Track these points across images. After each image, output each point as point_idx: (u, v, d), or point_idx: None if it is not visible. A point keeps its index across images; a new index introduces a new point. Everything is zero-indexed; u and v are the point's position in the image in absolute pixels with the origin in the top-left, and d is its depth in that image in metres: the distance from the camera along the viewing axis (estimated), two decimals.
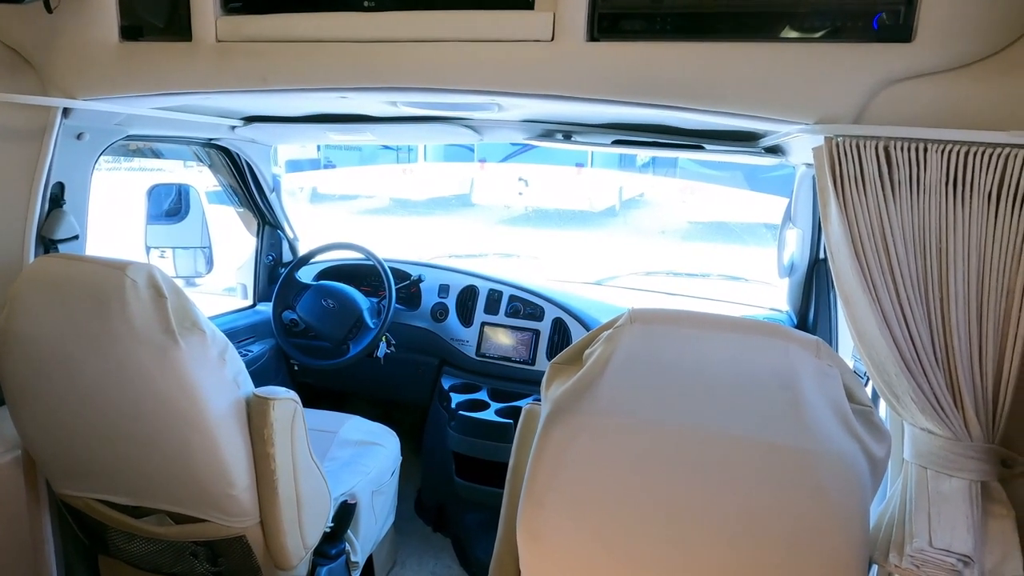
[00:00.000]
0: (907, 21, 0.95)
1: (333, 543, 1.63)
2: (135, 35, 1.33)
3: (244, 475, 1.34)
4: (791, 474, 0.82)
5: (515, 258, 3.45)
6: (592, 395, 0.88)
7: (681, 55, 1.05)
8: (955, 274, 0.92)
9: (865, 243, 0.96)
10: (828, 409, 0.83)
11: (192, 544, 1.45)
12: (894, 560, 0.97)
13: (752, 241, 6.08)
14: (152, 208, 2.28)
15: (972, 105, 0.94)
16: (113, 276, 1.21)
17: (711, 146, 1.68)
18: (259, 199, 2.51)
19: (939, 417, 0.95)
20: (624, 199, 10.07)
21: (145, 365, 1.21)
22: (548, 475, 0.89)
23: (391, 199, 10.80)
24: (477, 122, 1.85)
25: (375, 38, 1.19)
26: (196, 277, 2.52)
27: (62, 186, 1.53)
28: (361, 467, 1.86)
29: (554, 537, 0.91)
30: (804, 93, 1.00)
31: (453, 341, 2.36)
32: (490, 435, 2.05)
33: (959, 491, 0.95)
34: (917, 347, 0.95)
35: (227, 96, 1.36)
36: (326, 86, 1.24)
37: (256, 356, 2.44)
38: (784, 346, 0.85)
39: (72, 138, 1.53)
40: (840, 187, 0.97)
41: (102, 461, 1.36)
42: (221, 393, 1.28)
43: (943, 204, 0.93)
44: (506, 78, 1.14)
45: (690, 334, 0.89)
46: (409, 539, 2.38)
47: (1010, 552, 0.95)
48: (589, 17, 1.09)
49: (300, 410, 1.41)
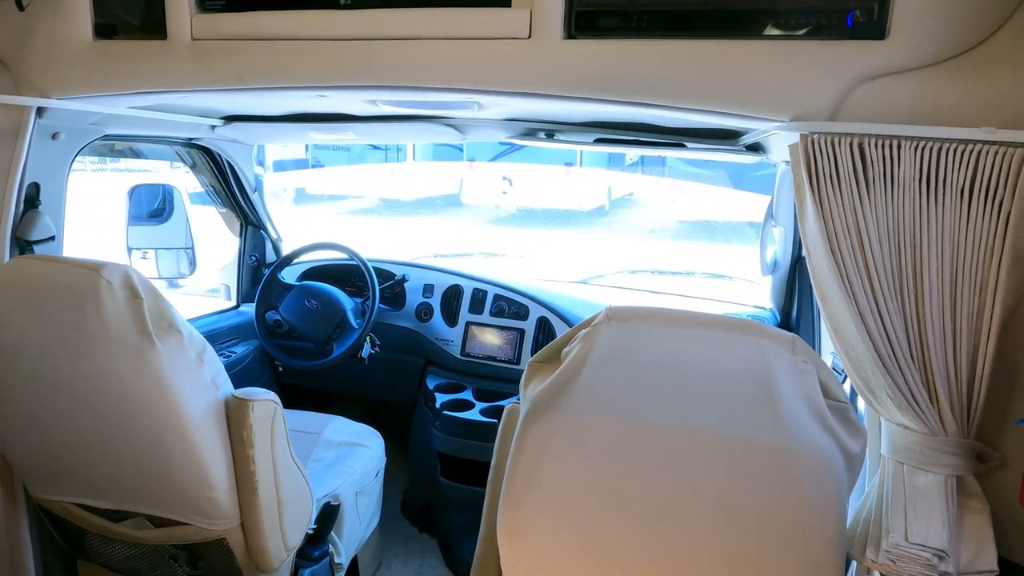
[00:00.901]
0: (881, 19, 0.95)
1: (316, 545, 1.62)
2: (109, 33, 1.32)
3: (223, 477, 1.33)
4: (767, 470, 0.82)
5: (500, 257, 3.45)
6: (569, 393, 0.88)
7: (658, 53, 1.05)
8: (929, 270, 0.93)
9: (840, 240, 0.96)
10: (804, 405, 0.84)
11: (172, 547, 1.44)
12: (871, 556, 0.98)
13: (737, 240, 6.11)
14: (134, 209, 2.26)
15: (945, 102, 0.94)
16: (88, 277, 1.19)
17: (692, 144, 1.69)
18: (241, 199, 2.49)
19: (915, 413, 0.96)
20: (613, 199, 10.10)
21: (121, 367, 1.20)
22: (527, 474, 0.89)
23: (380, 199, 10.77)
24: (459, 121, 1.85)
25: (352, 36, 1.18)
26: (179, 278, 2.49)
27: (37, 186, 1.51)
28: (345, 468, 1.85)
29: (534, 536, 0.91)
30: (779, 90, 1.00)
31: (438, 341, 2.36)
32: (475, 435, 2.04)
33: (935, 486, 0.95)
34: (892, 343, 0.96)
35: (204, 95, 1.35)
36: (303, 84, 1.23)
37: (240, 357, 2.42)
38: (760, 343, 0.86)
39: (47, 138, 1.51)
40: (816, 184, 0.97)
41: (79, 464, 1.35)
42: (199, 394, 1.27)
43: (917, 201, 0.93)
44: (484, 76, 1.14)
45: (667, 331, 0.89)
46: (395, 540, 2.37)
47: (985, 546, 0.95)
48: (566, 15, 1.08)
49: (280, 411, 1.40)
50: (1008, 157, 0.88)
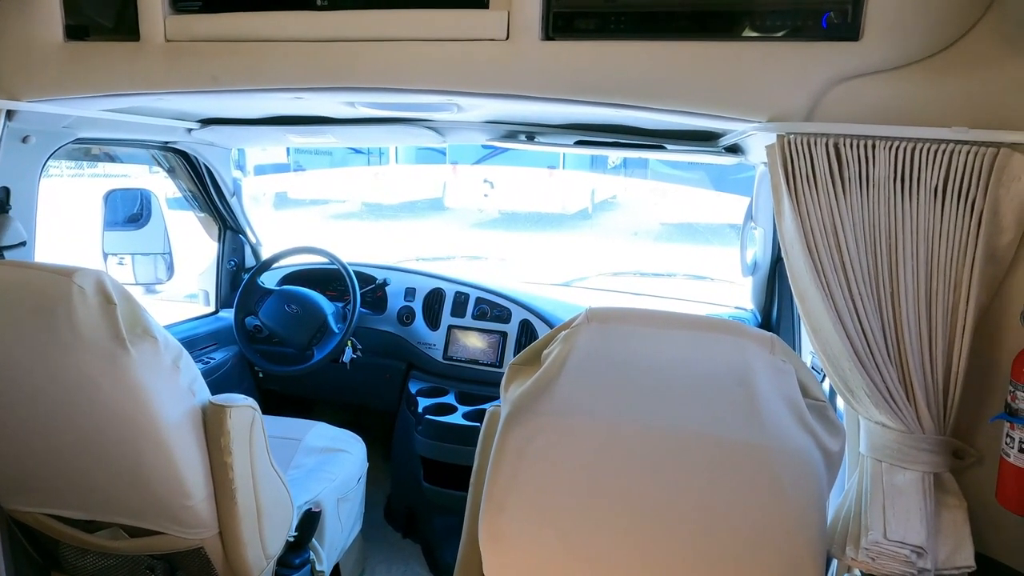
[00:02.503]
0: (855, 20, 0.96)
1: (297, 552, 1.60)
2: (81, 35, 1.29)
3: (201, 485, 1.30)
4: (746, 469, 0.82)
5: (482, 260, 3.44)
6: (550, 395, 0.88)
7: (635, 54, 1.05)
8: (904, 269, 0.94)
9: (817, 239, 0.97)
10: (783, 404, 0.84)
11: (148, 558, 1.41)
12: (851, 553, 0.99)
13: (718, 241, 6.16)
14: (109, 214, 2.22)
15: (919, 102, 0.95)
16: (59, 283, 1.17)
17: (672, 146, 1.69)
18: (219, 203, 2.46)
19: (892, 410, 0.97)
20: (596, 201, 10.13)
21: (94, 374, 1.17)
22: (508, 477, 0.89)
23: (363, 203, 10.70)
24: (439, 123, 1.84)
25: (329, 37, 1.17)
26: (156, 284, 2.45)
27: (7, 191, 1.48)
28: (326, 474, 1.83)
29: (515, 539, 0.90)
30: (756, 91, 1.01)
31: (420, 345, 2.34)
32: (458, 439, 2.03)
33: (913, 483, 0.96)
34: (869, 341, 0.96)
35: (179, 97, 1.33)
36: (279, 86, 1.22)
37: (219, 363, 2.39)
38: (739, 343, 0.86)
39: (17, 141, 1.48)
40: (792, 184, 0.98)
41: (52, 474, 1.32)
42: (175, 401, 1.25)
43: (892, 200, 0.94)
44: (462, 78, 1.13)
45: (646, 332, 0.89)
46: (378, 546, 2.35)
47: (962, 542, 0.96)
48: (544, 16, 1.08)
49: (259, 417, 1.38)
50: (980, 156, 0.89)
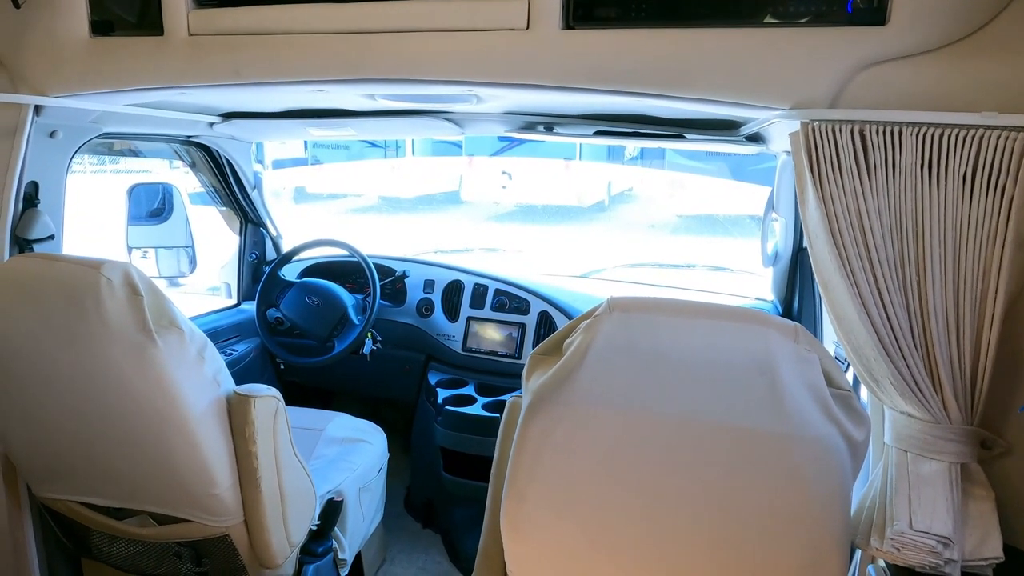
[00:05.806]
0: (881, 4, 0.95)
1: (320, 541, 1.62)
2: (106, 30, 1.31)
3: (226, 474, 1.32)
4: (770, 459, 0.82)
5: (500, 252, 3.44)
6: (571, 385, 0.88)
7: (656, 42, 1.04)
8: (931, 256, 0.92)
9: (842, 227, 0.95)
10: (807, 394, 0.83)
11: (176, 545, 1.43)
12: (875, 544, 0.98)
13: (738, 233, 6.09)
14: (133, 208, 2.25)
15: (946, 87, 0.94)
16: (88, 275, 1.19)
17: (692, 135, 1.68)
18: (241, 197, 2.48)
19: (918, 400, 0.96)
20: (613, 194, 10.06)
21: (121, 364, 1.19)
22: (529, 467, 0.89)
23: (380, 197, 10.73)
24: (458, 115, 1.84)
25: (349, 30, 1.17)
26: (179, 277, 2.49)
27: (36, 185, 1.51)
28: (347, 464, 1.85)
29: (537, 529, 0.90)
30: (779, 78, 1.00)
31: (439, 336, 2.35)
32: (477, 430, 2.04)
33: (939, 473, 0.95)
34: (895, 331, 0.95)
35: (202, 91, 1.35)
36: (301, 79, 1.22)
37: (241, 355, 2.42)
38: (762, 332, 0.85)
39: (45, 136, 1.50)
40: (817, 172, 0.97)
41: (82, 463, 1.34)
42: (200, 391, 1.27)
43: (918, 187, 0.93)
44: (482, 68, 1.13)
45: (668, 321, 0.88)
46: (399, 536, 2.37)
47: (990, 533, 0.95)
48: (564, 5, 1.08)
49: (282, 407, 1.39)
50: (1010, 142, 0.88)
